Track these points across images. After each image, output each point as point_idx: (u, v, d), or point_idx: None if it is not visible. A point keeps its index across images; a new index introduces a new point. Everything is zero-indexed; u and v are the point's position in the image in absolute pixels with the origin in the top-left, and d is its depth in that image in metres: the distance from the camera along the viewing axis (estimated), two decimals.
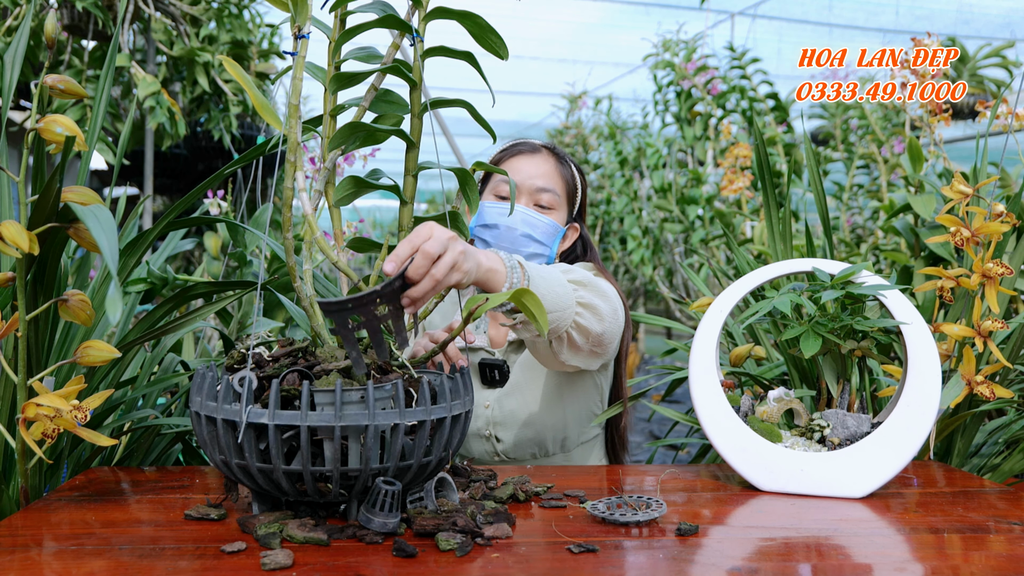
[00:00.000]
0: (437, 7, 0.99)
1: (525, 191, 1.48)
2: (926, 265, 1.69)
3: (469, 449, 1.48)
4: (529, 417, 1.45)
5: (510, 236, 1.45)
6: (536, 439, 1.46)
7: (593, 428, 1.53)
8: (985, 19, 7.22)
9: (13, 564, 0.80)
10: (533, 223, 1.46)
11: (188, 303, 1.63)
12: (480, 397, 1.48)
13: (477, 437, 1.47)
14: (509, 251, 1.43)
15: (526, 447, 1.46)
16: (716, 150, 4.51)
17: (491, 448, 1.47)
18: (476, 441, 1.47)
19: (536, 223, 1.46)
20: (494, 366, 1.45)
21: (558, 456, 1.49)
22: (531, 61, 8.82)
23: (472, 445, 1.48)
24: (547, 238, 1.48)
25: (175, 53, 3.21)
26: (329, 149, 1.01)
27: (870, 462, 1.10)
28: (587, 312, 1.22)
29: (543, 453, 1.48)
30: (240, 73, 0.89)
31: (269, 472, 0.88)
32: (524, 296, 0.91)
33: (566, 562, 0.83)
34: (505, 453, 1.46)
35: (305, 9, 0.93)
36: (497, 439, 1.46)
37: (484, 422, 1.46)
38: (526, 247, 1.46)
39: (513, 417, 1.45)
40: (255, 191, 2.95)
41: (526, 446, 1.46)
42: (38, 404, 0.95)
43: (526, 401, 1.45)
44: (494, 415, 1.46)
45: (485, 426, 1.46)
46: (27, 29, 1.16)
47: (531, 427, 1.45)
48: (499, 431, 1.45)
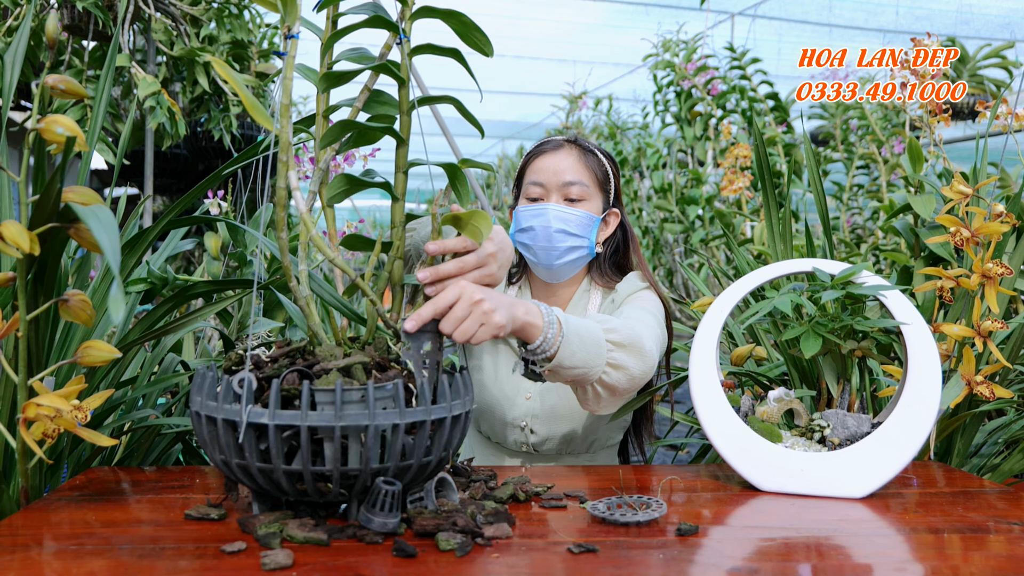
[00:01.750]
0: (423, 6, 1.00)
1: (554, 188, 1.48)
2: (926, 265, 1.69)
3: (500, 436, 1.51)
4: (568, 414, 1.47)
5: (545, 234, 1.46)
6: (568, 436, 1.48)
7: (618, 434, 1.56)
8: (985, 19, 7.22)
9: (13, 564, 0.80)
10: (566, 218, 1.46)
11: (188, 303, 1.63)
12: (521, 387, 1.50)
13: (512, 427, 1.49)
14: (547, 249, 1.47)
15: (557, 443, 1.48)
16: (716, 150, 4.52)
17: (523, 439, 1.49)
18: (511, 430, 1.50)
19: (568, 217, 1.47)
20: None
21: (584, 456, 1.52)
22: (531, 61, 8.82)
23: (506, 433, 1.50)
24: (582, 230, 1.48)
25: (175, 53, 3.21)
26: (320, 148, 1.01)
27: (870, 462, 1.10)
28: (616, 372, 1.22)
29: (570, 451, 1.50)
30: (230, 74, 0.88)
31: (269, 472, 0.88)
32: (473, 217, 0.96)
33: (566, 562, 0.83)
34: (536, 446, 1.49)
35: (294, 10, 0.93)
36: (532, 431, 1.48)
37: (522, 412, 1.48)
38: (563, 242, 1.47)
39: (552, 412, 1.47)
40: (255, 191, 2.95)
41: (557, 441, 1.48)
42: (38, 404, 0.95)
43: (568, 398, 1.47)
44: (534, 407, 1.49)
45: (522, 416, 1.48)
46: (27, 29, 1.16)
47: (567, 424, 1.47)
48: (535, 424, 1.48)
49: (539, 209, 1.47)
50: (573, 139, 1.55)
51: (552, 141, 1.55)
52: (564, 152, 1.52)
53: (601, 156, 1.55)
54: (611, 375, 1.22)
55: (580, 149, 1.53)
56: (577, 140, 1.55)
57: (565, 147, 1.53)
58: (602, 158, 1.55)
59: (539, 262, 1.49)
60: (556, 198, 1.48)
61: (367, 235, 1.13)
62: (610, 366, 1.21)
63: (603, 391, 1.24)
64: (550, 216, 1.46)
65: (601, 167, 1.54)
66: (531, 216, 1.47)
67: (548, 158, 1.52)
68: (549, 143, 1.55)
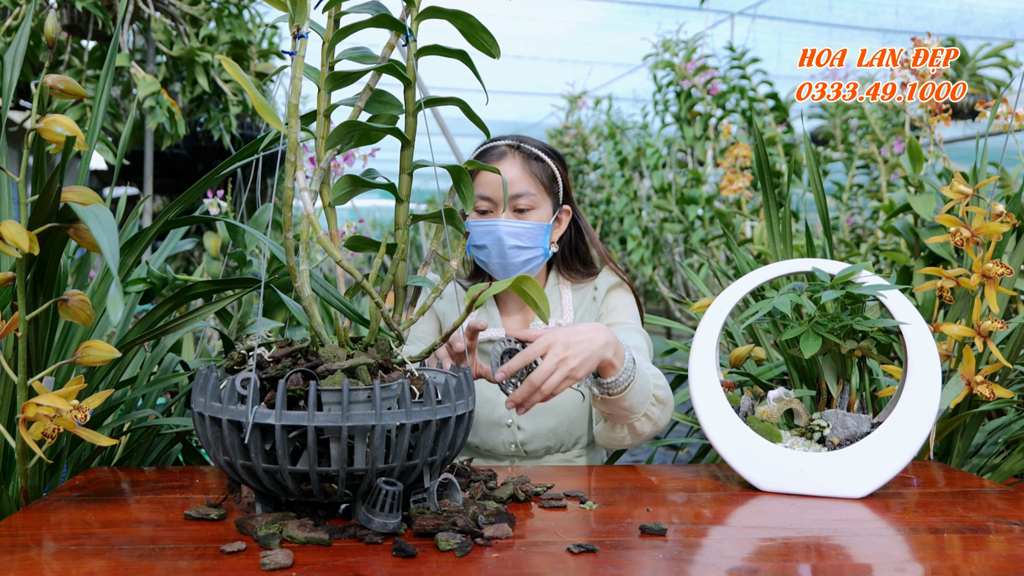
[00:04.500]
0: (429, 6, 0.99)
1: (501, 201, 1.47)
2: (926, 265, 1.69)
3: (485, 439, 1.49)
4: (551, 407, 1.46)
5: (499, 251, 1.47)
6: (555, 430, 1.47)
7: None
8: (985, 19, 7.22)
9: (13, 564, 0.80)
10: (517, 232, 1.46)
11: (188, 303, 1.62)
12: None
13: (497, 426, 1.48)
14: (503, 264, 1.48)
15: (545, 439, 1.48)
16: (716, 150, 4.51)
17: (510, 438, 1.48)
18: (496, 430, 1.48)
19: (520, 231, 1.47)
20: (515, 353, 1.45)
21: (573, 452, 1.51)
22: (531, 61, 8.81)
23: (491, 434, 1.49)
24: (534, 240, 1.48)
25: (175, 53, 3.21)
26: (325, 148, 1.01)
27: (870, 462, 1.10)
28: (647, 422, 1.31)
29: (559, 447, 1.49)
30: (240, 73, 0.89)
31: (274, 472, 0.88)
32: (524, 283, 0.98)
33: (566, 562, 0.83)
34: (523, 444, 1.48)
35: (304, 9, 0.93)
36: (519, 427, 1.47)
37: (506, 410, 1.48)
38: (517, 256, 1.47)
39: (536, 407, 1.46)
40: (255, 191, 2.95)
41: (545, 437, 1.47)
42: (38, 404, 0.95)
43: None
44: None
45: (508, 414, 1.48)
46: (27, 29, 1.16)
47: (552, 418, 1.47)
48: (521, 420, 1.47)
49: (489, 226, 1.46)
50: (516, 144, 1.52)
51: (495, 149, 1.52)
52: (508, 163, 1.49)
53: (545, 157, 1.52)
54: (643, 423, 1.31)
55: (523, 156, 1.50)
56: (520, 146, 1.52)
57: (508, 155, 1.50)
58: (547, 160, 1.52)
59: (496, 275, 1.52)
60: (506, 212, 1.48)
61: (366, 235, 1.13)
62: (645, 416, 1.30)
63: (628, 434, 1.34)
64: (501, 233, 1.46)
65: (547, 170, 1.52)
66: (483, 233, 1.47)
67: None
68: (491, 152, 1.52)
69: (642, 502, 1.05)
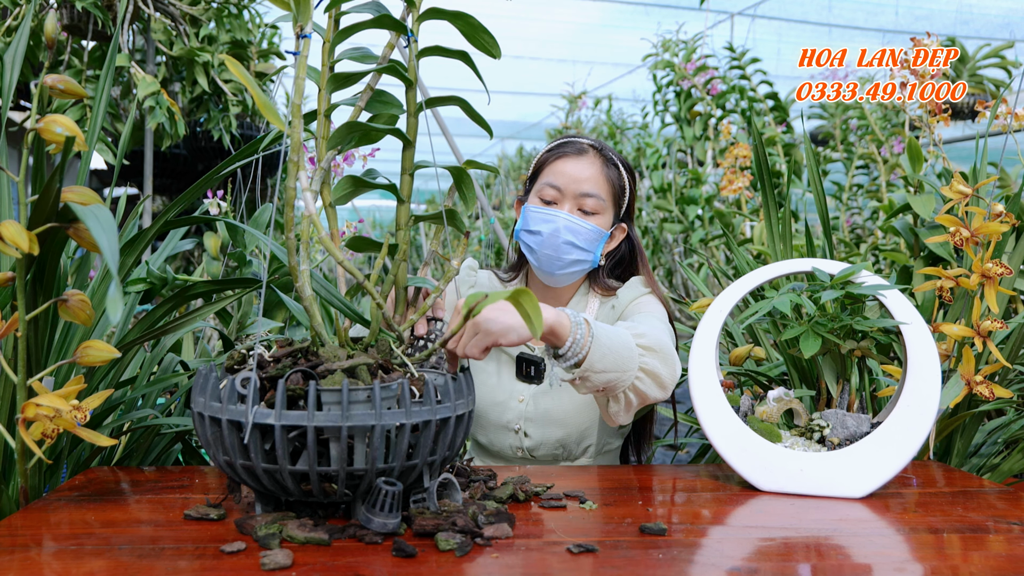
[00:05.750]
0: (431, 8, 0.99)
1: (569, 195, 1.44)
2: (926, 265, 1.69)
3: (494, 441, 1.49)
4: (562, 418, 1.45)
5: (552, 243, 1.43)
6: (563, 440, 1.46)
7: (616, 439, 1.54)
8: (985, 19, 7.23)
9: (13, 564, 0.80)
10: (576, 230, 1.43)
11: (188, 303, 1.63)
12: (514, 390, 1.49)
13: (506, 430, 1.48)
14: (551, 257, 1.44)
15: (552, 447, 1.47)
16: (716, 150, 4.51)
17: (518, 443, 1.47)
18: (504, 434, 1.48)
19: (579, 230, 1.43)
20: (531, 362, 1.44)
21: (580, 460, 1.50)
22: (531, 61, 8.82)
23: (499, 437, 1.49)
24: (590, 244, 1.45)
25: (175, 53, 3.21)
26: (327, 149, 1.01)
27: (870, 462, 1.10)
28: (648, 379, 1.22)
29: (567, 455, 1.48)
30: (243, 73, 0.89)
31: (274, 472, 0.88)
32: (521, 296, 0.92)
33: (566, 562, 0.83)
34: (531, 450, 1.47)
35: (307, 10, 0.93)
36: (526, 434, 1.47)
37: (515, 416, 1.47)
38: (568, 254, 1.43)
39: (546, 416, 1.46)
40: (255, 191, 2.95)
41: (552, 446, 1.47)
42: (38, 404, 0.95)
43: (561, 401, 1.46)
44: (527, 411, 1.47)
45: (516, 420, 1.47)
46: (27, 29, 1.16)
47: (561, 428, 1.46)
48: (529, 427, 1.46)
49: (551, 215, 1.43)
50: (598, 146, 1.49)
51: (575, 143, 1.49)
52: (587, 160, 1.46)
53: (622, 169, 1.50)
54: (644, 381, 1.21)
55: (603, 159, 1.47)
56: (602, 148, 1.49)
57: (589, 154, 1.47)
58: (623, 171, 1.50)
59: (540, 267, 1.47)
60: (570, 206, 1.44)
61: (366, 235, 1.13)
62: (643, 371, 1.21)
63: (635, 398, 1.23)
64: (560, 225, 1.42)
65: (620, 181, 1.49)
66: (541, 220, 1.44)
67: (569, 162, 1.46)
68: (572, 145, 1.49)
69: (642, 502, 1.05)
